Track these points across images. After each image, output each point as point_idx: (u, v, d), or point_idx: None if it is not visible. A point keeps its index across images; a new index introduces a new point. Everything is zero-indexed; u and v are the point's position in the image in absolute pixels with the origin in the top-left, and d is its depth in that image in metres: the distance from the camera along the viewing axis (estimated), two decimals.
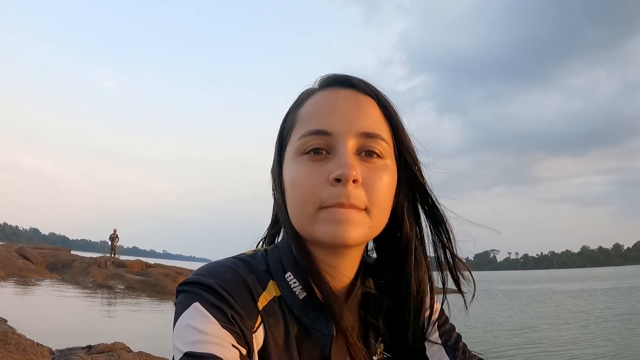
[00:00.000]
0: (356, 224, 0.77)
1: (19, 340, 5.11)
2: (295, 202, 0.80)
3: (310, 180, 0.78)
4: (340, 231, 0.76)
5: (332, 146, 0.79)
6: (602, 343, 11.96)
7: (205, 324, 0.72)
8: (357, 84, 0.85)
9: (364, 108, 0.82)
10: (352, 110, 0.81)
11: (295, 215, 0.81)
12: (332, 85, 0.86)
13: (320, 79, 0.89)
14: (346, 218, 0.76)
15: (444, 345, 0.93)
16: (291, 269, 0.84)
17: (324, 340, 0.82)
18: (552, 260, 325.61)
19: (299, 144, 0.81)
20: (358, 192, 0.77)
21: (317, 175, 0.78)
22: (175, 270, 25.82)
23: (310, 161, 0.79)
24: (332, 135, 0.79)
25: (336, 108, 0.81)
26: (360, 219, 0.77)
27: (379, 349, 0.90)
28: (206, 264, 0.83)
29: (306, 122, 0.82)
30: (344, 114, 0.81)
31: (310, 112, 0.83)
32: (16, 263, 22.45)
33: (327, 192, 0.76)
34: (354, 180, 0.76)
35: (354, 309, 0.89)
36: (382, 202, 0.80)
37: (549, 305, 23.14)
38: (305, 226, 0.79)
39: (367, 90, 0.85)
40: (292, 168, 0.81)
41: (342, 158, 0.77)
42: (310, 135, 0.80)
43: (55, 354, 6.04)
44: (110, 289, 20.34)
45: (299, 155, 0.81)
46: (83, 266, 24.96)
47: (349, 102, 0.82)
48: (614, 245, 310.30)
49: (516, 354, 10.56)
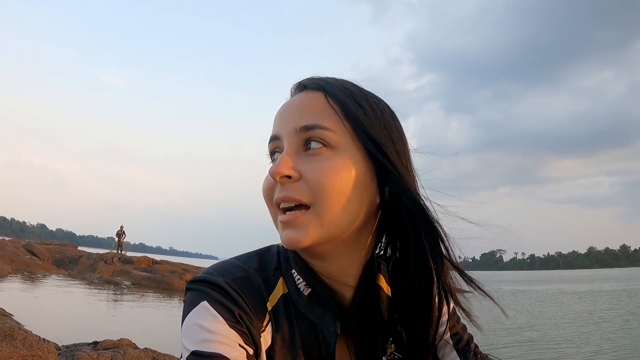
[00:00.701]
0: (302, 226, 0.76)
1: (25, 335, 5.12)
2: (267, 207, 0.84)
3: (266, 184, 0.82)
4: (289, 235, 0.77)
5: (282, 149, 0.81)
6: (598, 342, 12.00)
7: (213, 323, 0.72)
8: (308, 84, 0.86)
9: (306, 105, 0.82)
10: (293, 111, 0.82)
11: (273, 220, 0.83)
12: (291, 93, 0.88)
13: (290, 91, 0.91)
14: (286, 220, 0.76)
15: (455, 347, 0.92)
16: (295, 266, 0.84)
17: (329, 337, 0.81)
18: (559, 261, 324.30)
19: (268, 152, 0.86)
20: (295, 186, 0.76)
21: (267, 179, 0.81)
22: (181, 267, 25.86)
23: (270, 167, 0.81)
24: (280, 138, 0.82)
25: (284, 113, 0.84)
26: (306, 219, 0.76)
27: (389, 349, 0.88)
28: (217, 262, 0.83)
29: None
30: (288, 116, 0.82)
31: (274, 121, 0.86)
32: (23, 258, 22.52)
33: (275, 191, 0.79)
34: (288, 177, 0.76)
35: (361, 307, 0.87)
36: (331, 193, 0.75)
37: (552, 306, 23.07)
38: (277, 229, 0.82)
39: (316, 86, 0.84)
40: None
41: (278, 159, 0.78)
42: (269, 144, 0.85)
43: (61, 350, 6.05)
44: (117, 285, 20.36)
45: (269, 162, 0.86)
46: (90, 262, 25.02)
47: (294, 104, 0.84)
48: (621, 246, 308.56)
49: (507, 352, 10.57)
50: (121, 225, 31.75)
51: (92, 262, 25.10)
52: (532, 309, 20.93)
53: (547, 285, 46.63)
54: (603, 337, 12.82)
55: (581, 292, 33.44)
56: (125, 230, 31.70)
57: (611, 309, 20.82)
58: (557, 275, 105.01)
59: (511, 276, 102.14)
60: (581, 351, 10.78)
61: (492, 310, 0.96)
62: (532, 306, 22.69)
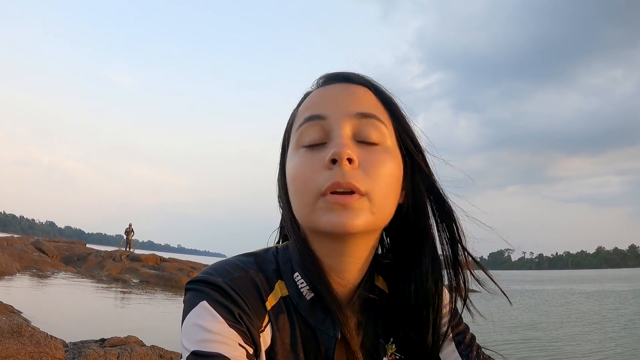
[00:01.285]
0: (356, 210, 0.75)
1: (32, 332, 5.13)
2: (296, 194, 0.79)
3: (307, 169, 0.77)
4: (340, 217, 0.74)
5: (328, 132, 0.79)
6: (601, 340, 12.09)
7: (212, 322, 0.72)
8: (351, 77, 0.86)
9: (358, 94, 0.82)
10: (345, 96, 0.81)
11: (298, 207, 0.80)
12: (328, 82, 0.87)
13: (317, 79, 0.90)
14: (344, 203, 0.74)
15: (457, 346, 0.91)
16: (299, 270, 0.83)
17: (329, 341, 0.81)
18: (567, 261, 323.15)
19: (297, 137, 0.81)
20: (355, 173, 0.75)
21: (313, 163, 0.77)
22: (189, 264, 25.93)
23: (308, 152, 0.79)
24: (327, 118, 0.79)
25: (331, 96, 0.82)
26: (361, 204, 0.75)
27: (390, 350, 0.88)
28: (215, 262, 0.82)
29: (302, 114, 0.83)
30: (338, 99, 0.81)
31: (307, 105, 0.84)
32: (32, 256, 22.68)
33: (325, 176, 0.75)
34: (350, 160, 0.75)
35: (361, 307, 0.87)
36: (384, 186, 0.77)
37: (558, 305, 23.13)
38: (307, 217, 0.78)
39: (362, 81, 0.85)
40: (292, 161, 0.82)
41: (337, 139, 0.76)
42: (305, 123, 0.80)
43: (69, 347, 6.06)
44: (125, 282, 20.47)
45: (297, 148, 0.81)
46: (98, 259, 25.16)
47: (342, 91, 0.83)
48: (630, 246, 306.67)
49: (504, 348, 10.65)
50: (130, 224, 31.89)
51: (100, 259, 25.25)
52: (537, 309, 20.99)
53: (555, 285, 46.53)
54: (605, 336, 12.90)
55: (588, 292, 33.36)
56: (133, 229, 31.82)
57: (617, 308, 20.88)
58: (566, 275, 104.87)
59: (519, 276, 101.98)
60: (581, 349, 10.88)
61: (498, 309, 0.95)
62: (538, 305, 22.73)
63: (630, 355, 10.25)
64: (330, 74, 0.88)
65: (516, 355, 10.14)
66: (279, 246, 0.90)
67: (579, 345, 11.37)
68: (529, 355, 10.21)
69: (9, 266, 18.15)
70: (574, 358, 10.05)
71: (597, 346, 11.25)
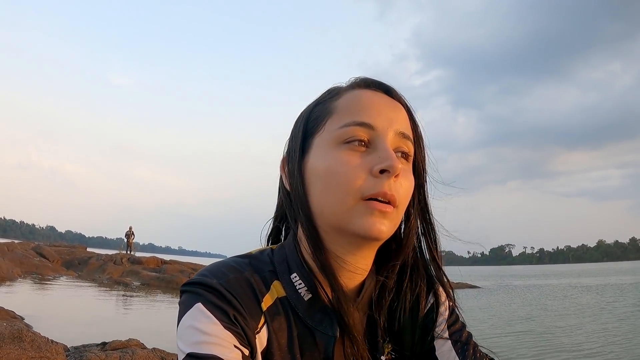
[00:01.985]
0: (390, 219, 0.78)
1: (33, 337, 5.13)
2: (332, 191, 0.79)
3: (351, 169, 0.78)
4: (377, 223, 0.77)
5: (373, 140, 0.80)
6: (584, 333, 12.46)
7: (208, 324, 0.72)
8: (392, 91, 0.88)
9: (400, 112, 0.85)
10: (391, 111, 0.84)
11: (329, 205, 0.79)
12: (369, 86, 0.88)
13: (355, 79, 0.91)
14: (385, 211, 0.77)
15: (453, 345, 0.90)
16: (297, 270, 0.84)
17: (327, 341, 0.81)
18: (568, 255, 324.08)
19: (339, 133, 0.81)
20: (398, 186, 0.79)
21: (358, 165, 0.78)
22: (190, 266, 25.98)
23: (351, 151, 0.80)
24: (375, 129, 0.80)
25: (378, 106, 0.83)
26: (393, 214, 0.79)
27: (387, 348, 0.89)
28: (210, 264, 0.83)
29: (347, 113, 0.83)
30: (386, 113, 0.83)
31: (351, 104, 0.84)
32: (33, 261, 22.71)
33: (371, 183, 0.77)
34: (397, 175, 0.78)
35: (364, 307, 0.88)
36: (407, 201, 0.83)
37: (556, 299, 23.48)
38: (339, 216, 0.78)
39: (400, 98, 0.88)
40: (329, 157, 0.81)
41: (387, 151, 0.78)
42: (354, 126, 0.80)
43: (70, 351, 6.07)
44: (126, 285, 20.50)
45: (337, 144, 0.81)
46: (99, 263, 25.20)
47: (388, 104, 0.85)
48: (631, 239, 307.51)
49: (498, 340, 10.95)
50: (130, 226, 32.03)
51: (101, 263, 25.29)
52: (536, 303, 21.30)
53: (556, 279, 46.76)
54: (600, 327, 13.29)
55: (589, 285, 33.55)
56: (134, 231, 31.90)
57: (615, 301, 21.23)
58: (567, 269, 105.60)
59: (521, 271, 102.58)
60: (573, 340, 11.23)
61: (500, 304, 0.96)
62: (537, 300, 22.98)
63: (621, 347, 10.45)
64: (371, 80, 0.90)
65: (511, 346, 10.44)
66: (273, 247, 0.90)
67: (571, 337, 11.78)
68: (521, 346, 10.50)
69: (10, 272, 18.18)
70: (565, 348, 10.31)
71: (588, 337, 11.64)
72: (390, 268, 0.90)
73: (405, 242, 0.90)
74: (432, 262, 0.93)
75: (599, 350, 10.03)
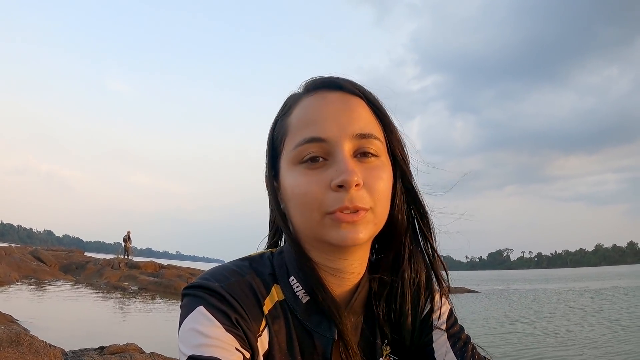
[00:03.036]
0: (363, 224, 0.78)
1: (31, 341, 5.12)
2: (299, 211, 0.80)
3: (311, 188, 0.78)
4: (348, 233, 0.77)
5: (329, 152, 0.79)
6: (565, 333, 12.97)
7: (209, 327, 0.72)
8: (344, 85, 0.85)
9: (355, 110, 0.82)
10: (343, 114, 0.81)
11: (300, 222, 0.81)
12: (319, 88, 0.86)
13: (305, 83, 0.89)
14: (352, 220, 0.76)
15: (452, 346, 0.91)
16: (295, 273, 0.84)
17: (325, 343, 0.82)
18: (566, 259, 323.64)
19: (295, 154, 0.81)
20: (361, 195, 0.77)
21: (317, 183, 0.78)
22: (188, 271, 25.94)
23: (309, 169, 0.79)
24: (327, 141, 0.79)
25: (328, 113, 0.81)
26: (365, 218, 0.78)
27: (385, 350, 0.89)
28: (212, 268, 0.83)
29: (299, 131, 0.82)
30: (336, 118, 0.80)
31: (301, 119, 0.83)
32: (30, 265, 22.67)
33: (331, 198, 0.76)
34: (356, 185, 0.76)
35: (359, 309, 0.88)
36: (384, 199, 0.81)
37: (550, 303, 23.59)
38: (311, 230, 0.80)
39: (355, 91, 0.85)
40: (290, 178, 0.81)
41: (341, 164, 0.77)
42: (305, 144, 0.80)
43: (68, 355, 6.06)
44: (124, 290, 20.45)
45: (295, 164, 0.81)
46: (97, 268, 25.15)
47: (339, 106, 0.82)
48: (628, 243, 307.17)
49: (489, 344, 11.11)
50: (128, 231, 31.91)
51: (99, 267, 25.24)
52: (531, 306, 21.37)
53: (553, 284, 46.69)
54: (585, 328, 13.82)
55: (585, 289, 33.56)
56: (131, 236, 31.79)
57: (605, 304, 21.56)
58: (564, 273, 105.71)
59: (519, 275, 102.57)
60: (557, 340, 11.68)
61: (497, 307, 0.97)
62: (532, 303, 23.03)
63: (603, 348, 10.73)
64: (320, 80, 0.87)
65: (508, 348, 10.57)
66: (273, 250, 0.91)
67: (557, 337, 12.20)
68: (514, 349, 10.67)
69: (7, 276, 18.14)
70: (557, 350, 10.59)
71: (574, 339, 11.99)
72: (384, 261, 0.91)
73: (395, 232, 0.90)
74: (427, 245, 0.92)
75: (593, 352, 10.23)
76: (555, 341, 11.65)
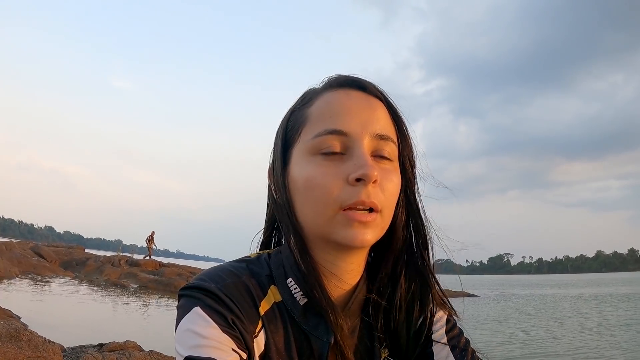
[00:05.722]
0: (373, 226, 0.78)
1: (30, 337, 5.12)
2: (311, 203, 0.80)
3: (328, 180, 0.78)
4: (358, 234, 0.77)
5: (348, 147, 0.79)
6: (564, 340, 13.07)
7: (206, 328, 0.72)
8: (367, 86, 0.86)
9: (376, 110, 0.83)
10: (366, 112, 0.82)
11: (311, 216, 0.81)
12: (343, 86, 0.86)
13: (328, 79, 0.89)
14: (365, 220, 0.77)
15: (452, 350, 0.91)
16: (293, 275, 0.84)
17: (322, 346, 0.81)
18: (567, 265, 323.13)
19: (313, 144, 0.81)
20: (377, 192, 0.77)
21: (335, 175, 0.78)
22: (188, 270, 25.97)
23: (327, 161, 0.79)
24: (349, 135, 0.79)
25: (351, 109, 0.82)
26: (375, 220, 0.78)
27: (383, 354, 0.89)
28: (208, 269, 0.83)
29: (320, 121, 0.82)
30: (359, 115, 0.81)
31: (323, 111, 0.83)
32: (31, 261, 22.68)
33: (347, 192, 0.77)
34: (374, 181, 0.76)
35: (356, 312, 0.88)
36: (392, 203, 0.82)
37: (547, 309, 23.56)
38: (321, 227, 0.79)
39: (377, 93, 0.86)
40: (306, 168, 0.81)
41: (361, 158, 0.77)
42: (326, 135, 0.80)
43: (67, 351, 6.06)
44: (124, 287, 20.47)
45: (312, 154, 0.81)
46: (97, 265, 25.18)
47: (362, 104, 0.83)
48: (629, 250, 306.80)
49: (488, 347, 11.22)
50: (152, 232, 31.13)
51: (99, 264, 25.27)
52: (526, 311, 21.35)
53: (553, 289, 46.67)
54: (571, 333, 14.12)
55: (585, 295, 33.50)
56: (154, 237, 30.90)
57: (607, 310, 21.66)
58: (565, 279, 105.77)
59: (519, 280, 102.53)
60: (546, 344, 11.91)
61: (495, 312, 0.97)
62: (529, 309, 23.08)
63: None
64: (344, 78, 0.87)
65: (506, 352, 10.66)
66: (270, 252, 0.91)
67: (546, 341, 12.53)
68: (514, 352, 10.80)
69: (7, 271, 18.16)
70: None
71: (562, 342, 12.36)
72: (383, 267, 0.91)
73: (393, 242, 0.89)
74: (421, 261, 0.90)
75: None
76: (552, 347, 11.71)
